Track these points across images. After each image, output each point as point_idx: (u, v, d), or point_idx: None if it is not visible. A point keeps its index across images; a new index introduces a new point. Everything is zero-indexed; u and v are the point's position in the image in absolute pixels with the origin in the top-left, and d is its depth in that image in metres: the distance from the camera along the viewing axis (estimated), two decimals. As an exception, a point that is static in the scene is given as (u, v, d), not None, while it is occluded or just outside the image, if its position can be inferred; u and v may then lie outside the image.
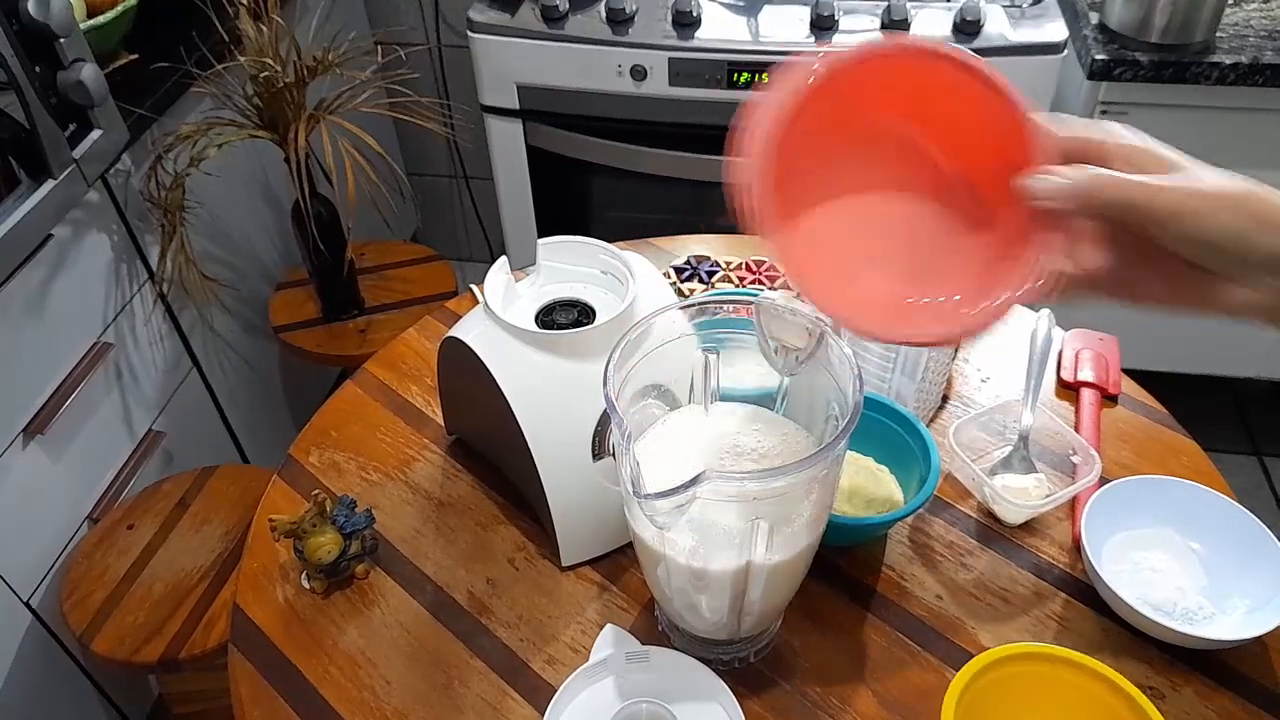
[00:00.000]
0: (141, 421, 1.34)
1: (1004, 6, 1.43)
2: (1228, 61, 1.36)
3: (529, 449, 0.71)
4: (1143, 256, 0.46)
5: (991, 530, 0.79)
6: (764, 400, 0.68)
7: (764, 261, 1.05)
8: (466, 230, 2.35)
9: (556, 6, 1.46)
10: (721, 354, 0.66)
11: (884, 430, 0.78)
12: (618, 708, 0.64)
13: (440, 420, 0.89)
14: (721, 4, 1.49)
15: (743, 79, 1.44)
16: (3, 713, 1.14)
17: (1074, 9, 1.51)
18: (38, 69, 1.00)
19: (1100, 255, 0.47)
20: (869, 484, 0.76)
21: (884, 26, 1.40)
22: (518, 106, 1.56)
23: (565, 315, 0.76)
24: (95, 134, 1.09)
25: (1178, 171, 0.45)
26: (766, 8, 1.47)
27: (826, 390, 0.61)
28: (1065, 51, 1.39)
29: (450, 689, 0.69)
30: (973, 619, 0.72)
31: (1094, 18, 1.47)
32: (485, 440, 0.84)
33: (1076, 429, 0.86)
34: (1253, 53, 1.37)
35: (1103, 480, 0.78)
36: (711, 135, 1.52)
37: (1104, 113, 1.45)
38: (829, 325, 0.61)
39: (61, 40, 1.01)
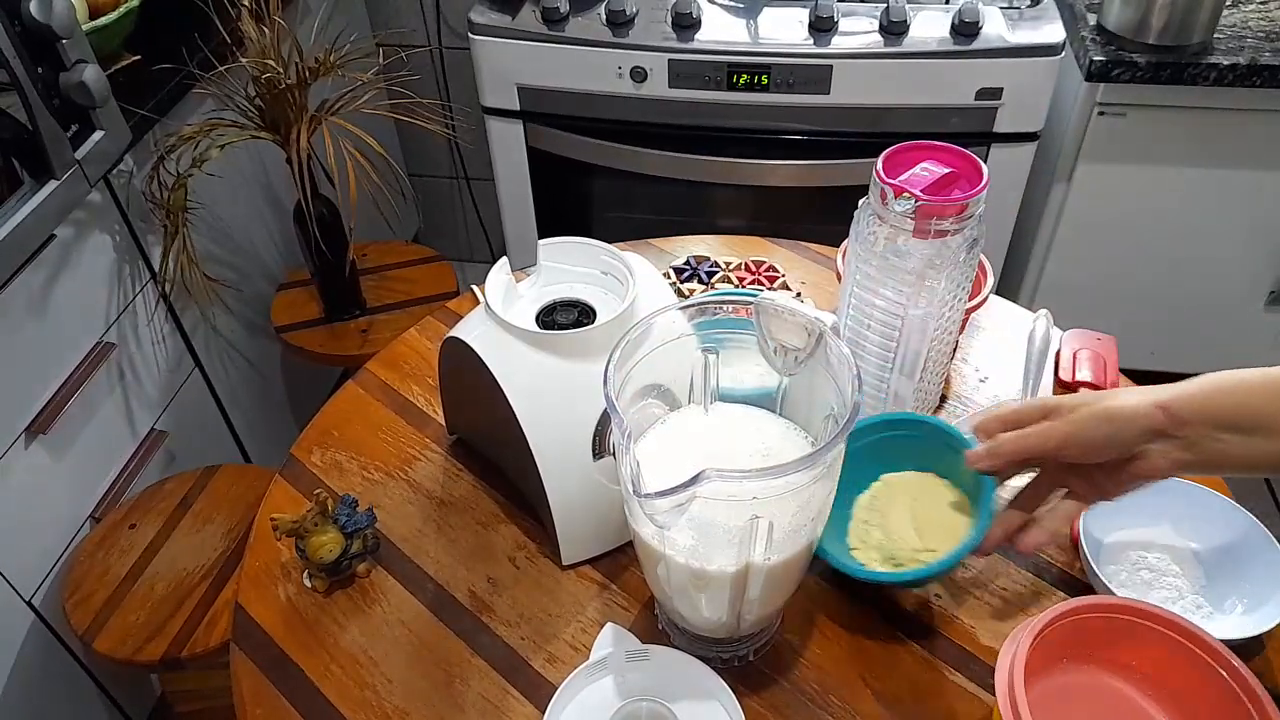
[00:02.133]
0: (144, 421, 1.34)
1: (1002, 8, 1.43)
2: (1225, 63, 1.36)
3: (530, 448, 0.71)
4: (1072, 469, 0.63)
5: (990, 529, 0.79)
6: (764, 400, 0.68)
7: (763, 262, 1.06)
8: (467, 231, 2.35)
9: (557, 8, 1.46)
10: (721, 354, 0.67)
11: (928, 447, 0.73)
12: (618, 706, 0.64)
13: (441, 420, 0.90)
14: (721, 6, 1.49)
15: (742, 80, 1.44)
16: (5, 712, 1.14)
17: (1072, 10, 1.51)
18: (40, 70, 1.00)
19: (1050, 485, 0.66)
20: (947, 512, 0.71)
21: (883, 29, 1.40)
22: (518, 108, 1.56)
23: (566, 315, 0.76)
24: (97, 135, 1.10)
25: (1055, 413, 0.62)
26: (766, 9, 1.48)
27: (825, 390, 0.62)
28: (1063, 53, 1.39)
29: (451, 687, 0.69)
30: (972, 618, 0.72)
31: (1092, 19, 1.48)
32: (486, 440, 0.85)
33: (1074, 429, 0.86)
34: (1250, 54, 1.37)
35: (1100, 480, 0.78)
36: (711, 137, 1.53)
37: (1101, 114, 1.45)
38: (827, 325, 0.61)
39: (64, 41, 1.01)
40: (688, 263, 1.06)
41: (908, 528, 0.70)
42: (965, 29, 1.38)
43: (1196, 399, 0.57)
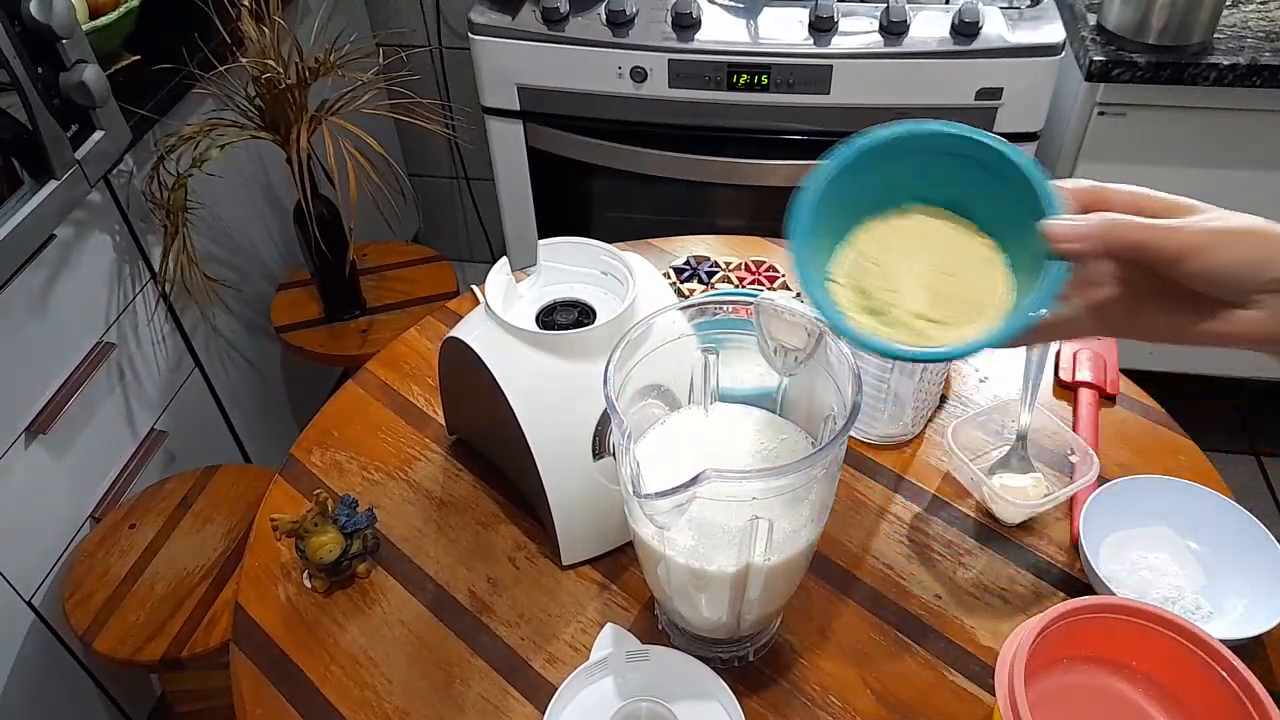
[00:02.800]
0: (144, 421, 1.34)
1: (1002, 8, 1.43)
2: (1225, 63, 1.36)
3: (530, 449, 0.71)
4: (1149, 291, 0.48)
5: (990, 530, 0.79)
6: (763, 400, 0.68)
7: (763, 262, 1.05)
8: (467, 231, 2.35)
9: (557, 8, 1.46)
10: (721, 354, 0.67)
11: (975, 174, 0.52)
12: (618, 706, 0.64)
13: (441, 420, 0.90)
14: (721, 6, 1.49)
15: (742, 80, 1.44)
16: (5, 712, 1.14)
17: (1072, 10, 1.51)
18: (40, 70, 1.00)
19: (1109, 291, 0.50)
20: (972, 274, 0.52)
21: (883, 29, 1.40)
22: (518, 108, 1.56)
23: (566, 316, 0.76)
24: (97, 135, 1.10)
25: (1189, 212, 0.48)
26: (766, 9, 1.48)
27: (825, 390, 0.62)
28: (1063, 53, 1.39)
29: (451, 687, 0.69)
30: (971, 618, 0.72)
31: (1092, 19, 1.48)
32: (486, 440, 0.85)
33: (1075, 429, 0.87)
34: (1250, 54, 1.37)
35: (1101, 480, 0.78)
36: (711, 137, 1.53)
37: (1101, 114, 1.45)
38: (827, 325, 0.61)
39: (64, 41, 1.01)
40: (688, 263, 1.06)
41: (916, 283, 0.52)
42: (965, 29, 1.38)
43: None
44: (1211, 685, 0.57)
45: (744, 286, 1.03)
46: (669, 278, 1.04)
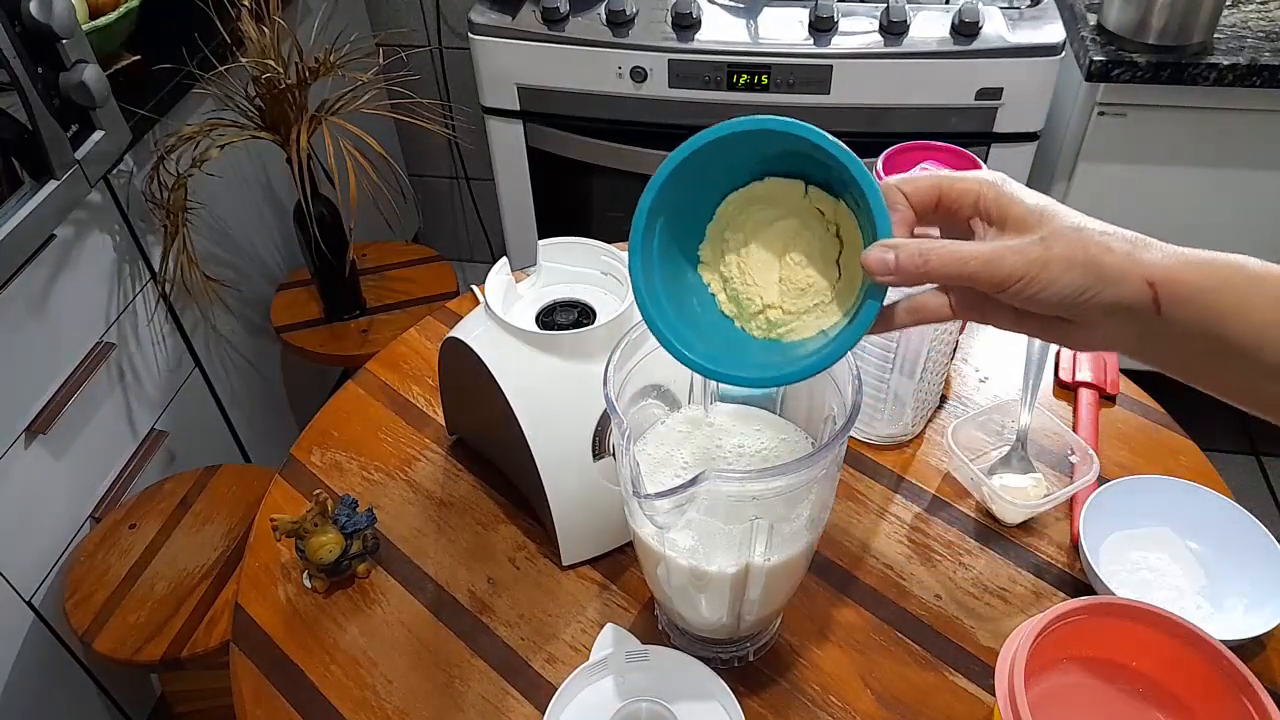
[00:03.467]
0: (144, 421, 1.34)
1: (1002, 8, 1.43)
2: (1225, 63, 1.36)
3: (530, 449, 0.71)
4: (992, 300, 0.47)
5: (990, 530, 0.79)
6: (764, 401, 0.68)
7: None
8: (467, 231, 2.35)
9: (557, 8, 1.46)
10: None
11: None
12: (618, 706, 0.64)
13: (441, 420, 0.90)
14: (721, 6, 1.49)
15: (742, 80, 1.44)
16: (5, 712, 1.14)
17: (1072, 10, 1.51)
18: (40, 70, 1.00)
19: (944, 298, 0.49)
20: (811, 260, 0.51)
21: (883, 28, 1.40)
22: (518, 108, 1.56)
23: (566, 316, 0.76)
24: (97, 135, 1.10)
25: (1029, 224, 0.45)
26: (766, 9, 1.48)
27: (825, 391, 0.62)
28: (1063, 53, 1.39)
29: (451, 688, 0.69)
30: (971, 618, 0.72)
31: (1092, 19, 1.48)
32: (486, 440, 0.85)
33: (1075, 429, 0.87)
34: (1250, 54, 1.37)
35: (1101, 480, 0.78)
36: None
37: (1101, 114, 1.45)
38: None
39: (64, 41, 1.01)
40: (688, 263, 1.06)
41: (770, 269, 0.52)
42: (965, 29, 1.38)
43: (1190, 288, 0.43)
44: (1212, 686, 0.57)
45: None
46: (669, 278, 1.04)
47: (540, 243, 0.78)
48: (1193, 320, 0.43)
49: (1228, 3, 1.46)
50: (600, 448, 0.73)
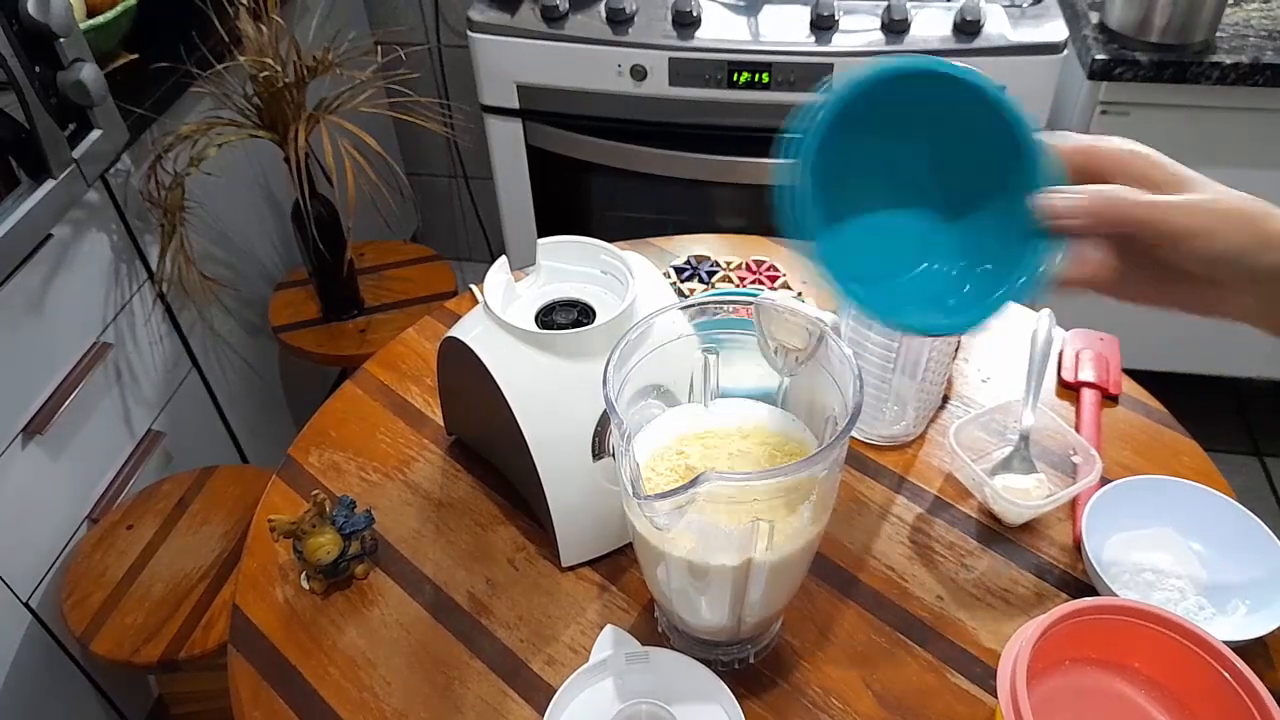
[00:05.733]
0: (141, 421, 1.34)
1: (1004, 6, 1.43)
2: (1228, 61, 1.36)
3: (529, 449, 0.71)
4: (1144, 261, 0.47)
5: (992, 530, 0.79)
6: (764, 400, 0.68)
7: (764, 261, 1.05)
8: (466, 230, 2.35)
9: (556, 6, 1.46)
10: (721, 354, 0.66)
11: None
12: (618, 708, 0.64)
13: (440, 420, 0.89)
14: (721, 4, 1.49)
15: (742, 79, 1.44)
16: (2, 713, 1.14)
17: (1074, 9, 1.51)
18: (37, 69, 1.00)
19: (1103, 257, 0.48)
20: None
21: (884, 26, 1.40)
22: (517, 106, 1.56)
23: (565, 315, 0.75)
24: (95, 134, 1.09)
25: (1187, 188, 0.46)
26: (766, 8, 1.47)
27: (826, 391, 0.61)
28: (1065, 51, 1.39)
29: (450, 689, 0.69)
30: (973, 619, 0.72)
31: (1094, 17, 1.47)
32: (485, 440, 0.84)
33: (1077, 429, 0.86)
34: (1253, 53, 1.37)
35: (1103, 480, 0.78)
36: (711, 135, 1.52)
37: (1104, 113, 1.45)
38: (828, 326, 0.61)
39: (61, 40, 1.01)
40: (688, 262, 1.05)
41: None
42: (967, 27, 1.38)
43: None
44: (1214, 686, 0.57)
45: (744, 286, 1.02)
46: (669, 277, 1.04)
47: (539, 242, 0.78)
48: None
49: (1230, 1, 1.46)
50: (600, 448, 0.72)
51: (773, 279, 1.03)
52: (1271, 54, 1.37)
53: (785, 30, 1.43)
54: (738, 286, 1.02)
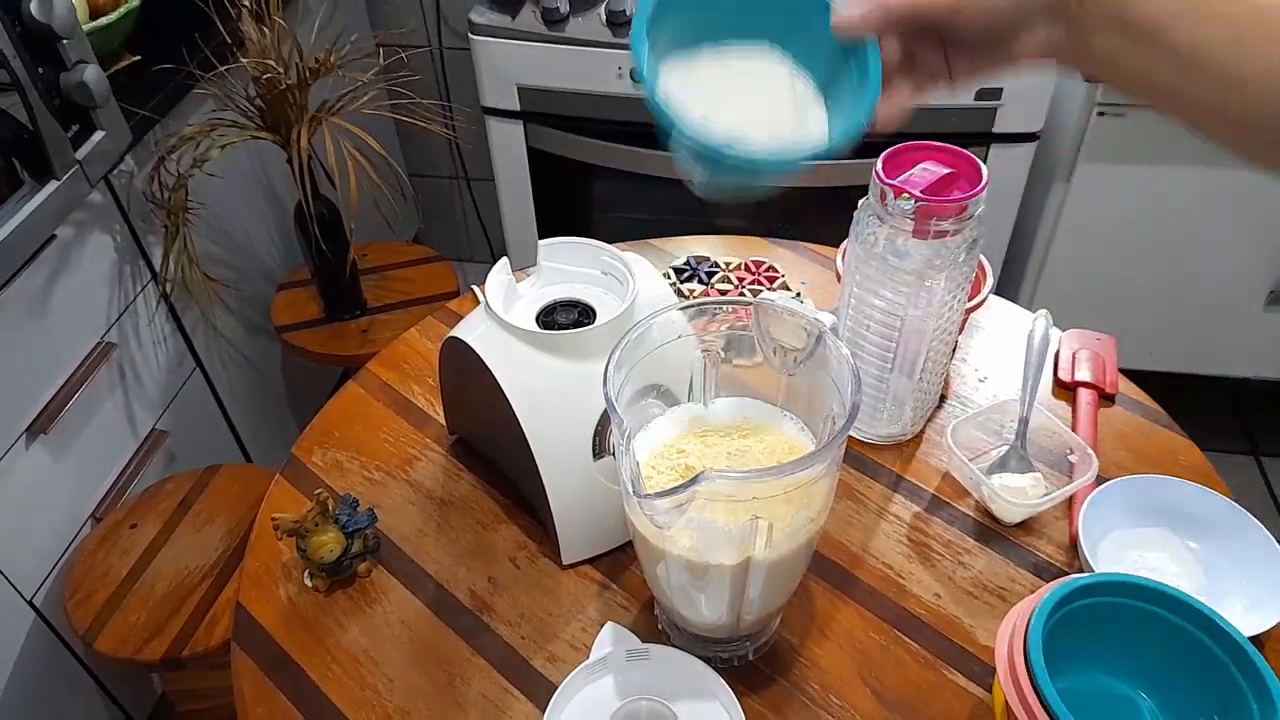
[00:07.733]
0: (144, 421, 1.35)
1: (1003, 8, 1.43)
2: (1226, 63, 1.36)
3: (530, 448, 0.71)
4: (935, 43, 0.55)
5: (989, 529, 0.79)
6: (764, 396, 0.68)
7: (763, 262, 1.06)
8: (468, 231, 2.35)
9: (557, 9, 1.46)
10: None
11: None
12: (618, 705, 0.64)
13: (442, 420, 0.90)
14: (721, 5, 1.49)
15: (742, 80, 1.44)
16: (6, 711, 1.14)
17: (1073, 10, 1.51)
18: (40, 70, 1.00)
19: (896, 49, 0.55)
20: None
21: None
22: (518, 108, 1.56)
23: (566, 316, 0.76)
24: (98, 135, 1.10)
25: None
26: (766, 9, 1.48)
27: (825, 391, 0.62)
28: (1064, 53, 1.39)
29: (452, 686, 0.69)
30: (971, 617, 0.73)
31: (1092, 19, 1.48)
32: (486, 440, 0.85)
33: (1074, 428, 0.87)
34: (1250, 54, 1.37)
35: (1100, 479, 0.78)
36: (711, 136, 1.52)
37: (1100, 114, 1.45)
38: (827, 326, 0.62)
39: (64, 41, 1.01)
40: (688, 263, 1.06)
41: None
42: (965, 29, 1.38)
43: None
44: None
45: (744, 286, 1.03)
46: (669, 278, 1.04)
47: (540, 242, 0.78)
48: (1105, 5, 0.49)
49: (1227, 3, 1.46)
50: (600, 447, 0.73)
51: (772, 279, 1.04)
52: (1269, 55, 1.37)
53: (785, 32, 1.44)
54: (737, 287, 1.03)
